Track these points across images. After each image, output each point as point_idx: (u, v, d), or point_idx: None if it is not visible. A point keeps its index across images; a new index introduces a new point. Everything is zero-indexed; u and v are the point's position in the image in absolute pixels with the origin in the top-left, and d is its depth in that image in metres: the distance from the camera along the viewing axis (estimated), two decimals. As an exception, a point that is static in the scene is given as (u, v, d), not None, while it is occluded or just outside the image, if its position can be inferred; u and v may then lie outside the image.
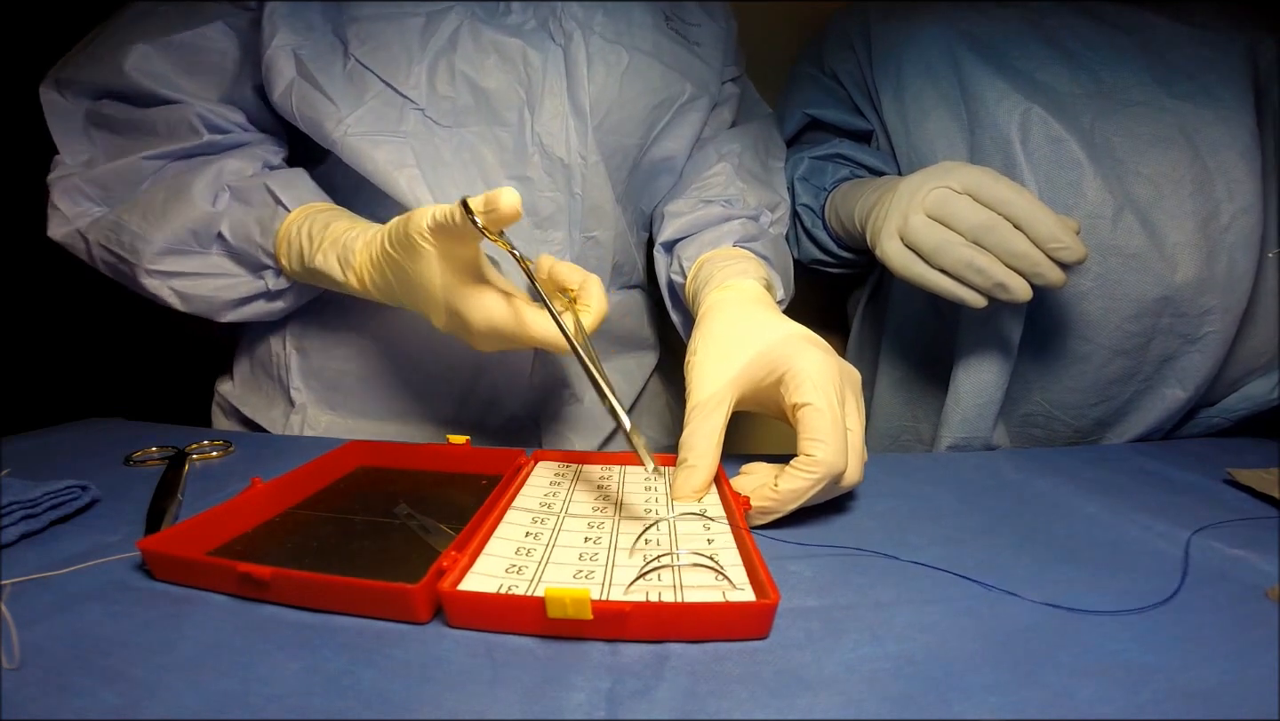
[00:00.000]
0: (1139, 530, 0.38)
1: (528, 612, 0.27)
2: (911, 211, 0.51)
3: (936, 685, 0.24)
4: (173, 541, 0.31)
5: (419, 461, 0.46)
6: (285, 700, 0.23)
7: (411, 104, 0.51)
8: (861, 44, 0.69)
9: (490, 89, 0.52)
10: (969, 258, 0.49)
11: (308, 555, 0.33)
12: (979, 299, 0.50)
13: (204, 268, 0.51)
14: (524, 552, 0.32)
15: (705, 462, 0.38)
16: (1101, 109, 0.57)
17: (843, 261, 0.70)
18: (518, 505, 0.38)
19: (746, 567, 0.31)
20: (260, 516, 0.36)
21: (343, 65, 0.51)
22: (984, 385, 0.59)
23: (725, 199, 0.59)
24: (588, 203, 0.56)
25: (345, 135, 0.50)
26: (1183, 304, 0.55)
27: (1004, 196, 0.49)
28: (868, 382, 0.74)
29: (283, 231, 0.49)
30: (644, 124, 0.58)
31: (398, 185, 0.50)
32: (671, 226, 0.58)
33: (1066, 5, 0.61)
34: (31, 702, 0.22)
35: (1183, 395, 0.57)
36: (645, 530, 0.34)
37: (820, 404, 0.37)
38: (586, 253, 0.57)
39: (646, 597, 0.28)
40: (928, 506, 0.42)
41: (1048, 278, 0.49)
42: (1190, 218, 0.55)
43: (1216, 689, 0.24)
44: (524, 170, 0.54)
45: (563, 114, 0.54)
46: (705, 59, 0.62)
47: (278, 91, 0.50)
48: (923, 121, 0.63)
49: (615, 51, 0.55)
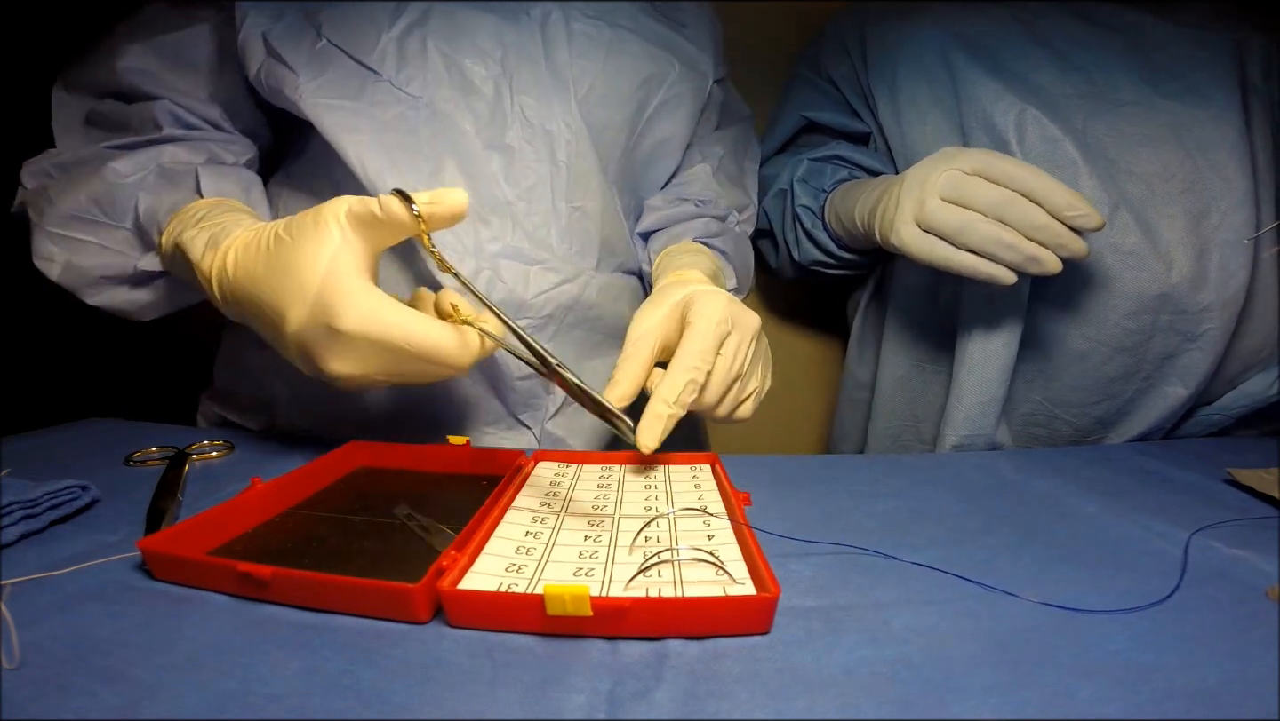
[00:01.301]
0: (1139, 530, 0.38)
1: (527, 610, 0.27)
2: (926, 197, 0.52)
3: (936, 685, 0.24)
4: (173, 541, 0.31)
5: (419, 462, 0.46)
6: (285, 700, 0.23)
7: (375, 75, 0.51)
8: (857, 47, 0.70)
9: (464, 61, 0.53)
10: (997, 234, 0.49)
11: (308, 555, 0.33)
12: (1010, 274, 0.51)
13: (102, 239, 0.49)
14: (524, 551, 0.32)
15: (628, 378, 0.44)
16: (1093, 109, 0.57)
17: (843, 262, 0.70)
18: (518, 505, 0.38)
19: (747, 563, 0.31)
20: (260, 516, 0.36)
21: (311, 44, 0.51)
22: (986, 382, 0.59)
23: (700, 198, 0.63)
24: (574, 171, 0.56)
25: (301, 99, 0.49)
26: (1180, 300, 0.55)
27: (1013, 173, 0.49)
28: (869, 384, 0.74)
29: (181, 212, 0.47)
30: (633, 100, 0.58)
31: (345, 151, 0.50)
32: (649, 219, 0.63)
33: (1058, 6, 0.61)
34: (31, 702, 0.22)
35: (1184, 392, 0.58)
36: (645, 526, 0.34)
37: (699, 324, 0.43)
38: (573, 224, 0.57)
39: (646, 594, 0.28)
40: (928, 506, 0.42)
41: (1071, 248, 0.49)
42: (1182, 216, 0.55)
43: (1216, 689, 0.24)
44: (503, 138, 0.54)
45: (542, 82, 0.54)
46: (692, 39, 0.63)
47: (251, 73, 0.51)
48: (918, 123, 0.63)
49: (597, 26, 0.56)
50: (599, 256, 0.59)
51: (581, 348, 0.59)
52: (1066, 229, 0.49)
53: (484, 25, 0.53)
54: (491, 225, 0.53)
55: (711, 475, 0.44)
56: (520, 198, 0.55)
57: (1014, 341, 0.58)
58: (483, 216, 0.53)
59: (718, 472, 0.43)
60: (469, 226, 0.52)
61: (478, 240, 0.52)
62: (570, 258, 0.56)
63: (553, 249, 0.56)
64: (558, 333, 0.56)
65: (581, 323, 0.57)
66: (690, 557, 0.31)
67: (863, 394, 0.75)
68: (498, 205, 0.54)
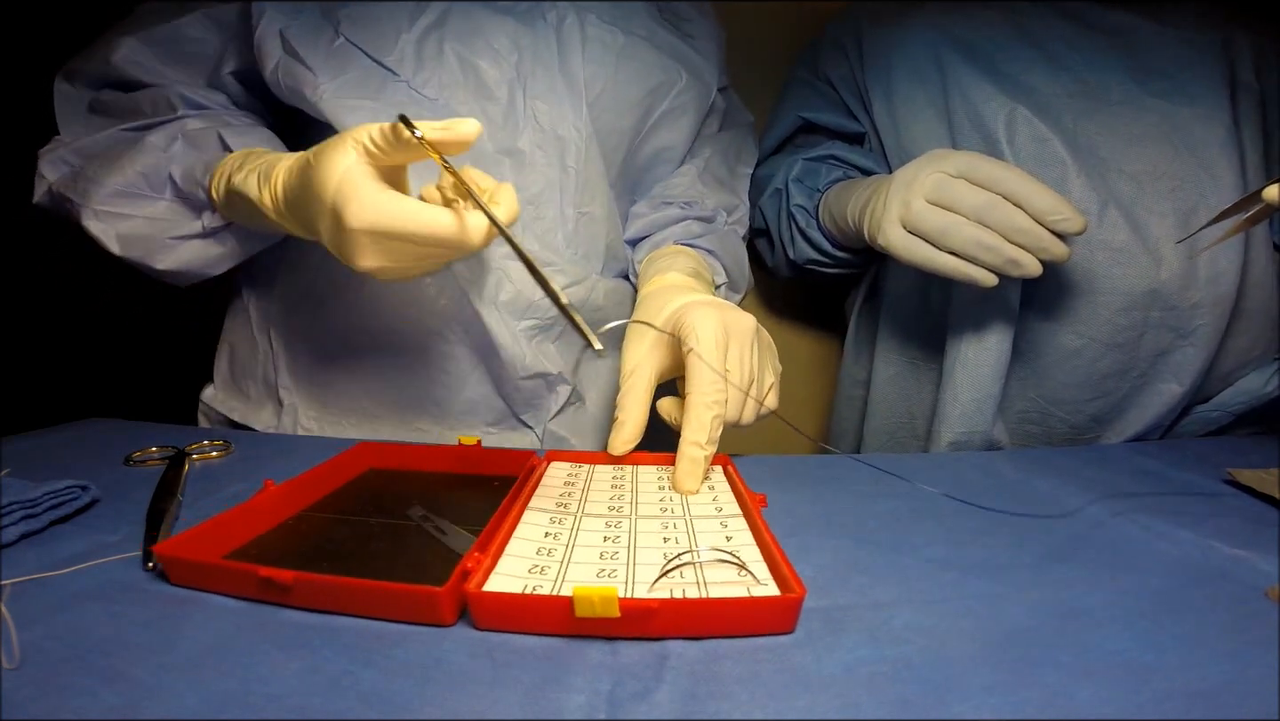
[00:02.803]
0: (1139, 530, 0.38)
1: (555, 612, 0.27)
2: (912, 198, 0.52)
3: (936, 685, 0.24)
4: (189, 545, 0.31)
5: (430, 463, 0.46)
6: (285, 700, 0.23)
7: (394, 76, 0.52)
8: (854, 49, 0.70)
9: (480, 64, 0.53)
10: (977, 236, 0.50)
11: (324, 558, 0.32)
12: (990, 276, 0.51)
13: (150, 212, 0.51)
14: (545, 552, 0.32)
15: (632, 418, 0.45)
16: (1084, 109, 0.58)
17: (838, 261, 0.70)
18: (534, 505, 0.38)
19: (768, 563, 0.31)
20: (275, 519, 0.36)
21: (330, 43, 0.51)
22: (981, 379, 0.59)
23: (685, 201, 0.63)
24: (582, 177, 0.56)
25: (321, 99, 0.49)
26: (1171, 297, 0.55)
27: (997, 176, 0.50)
28: (865, 381, 0.74)
29: (220, 165, 0.49)
30: (639, 108, 0.58)
31: None
32: (634, 226, 0.63)
33: (1049, 8, 0.62)
34: (31, 702, 0.22)
35: (1178, 389, 0.58)
36: (665, 528, 0.35)
37: (700, 348, 0.43)
38: (581, 229, 0.57)
39: (671, 595, 0.28)
40: (928, 506, 0.42)
41: (1052, 252, 0.50)
42: (1172, 213, 0.56)
43: (1216, 689, 0.24)
44: (515, 143, 0.54)
45: (556, 88, 0.54)
46: (699, 49, 0.63)
47: (268, 71, 0.51)
48: (912, 123, 0.64)
49: (611, 32, 0.56)
50: (604, 261, 0.59)
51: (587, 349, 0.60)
52: (1048, 232, 0.49)
53: (501, 28, 0.54)
54: None
55: (724, 476, 0.44)
56: (529, 202, 0.55)
57: (1007, 338, 0.58)
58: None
59: (730, 473, 0.43)
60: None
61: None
62: (576, 262, 0.57)
63: (559, 253, 0.56)
64: (565, 332, 0.57)
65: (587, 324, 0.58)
66: (714, 559, 0.31)
67: (859, 391, 0.76)
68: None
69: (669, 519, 0.37)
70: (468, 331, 0.55)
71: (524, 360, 0.54)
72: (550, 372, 0.56)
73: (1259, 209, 0.39)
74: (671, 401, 0.47)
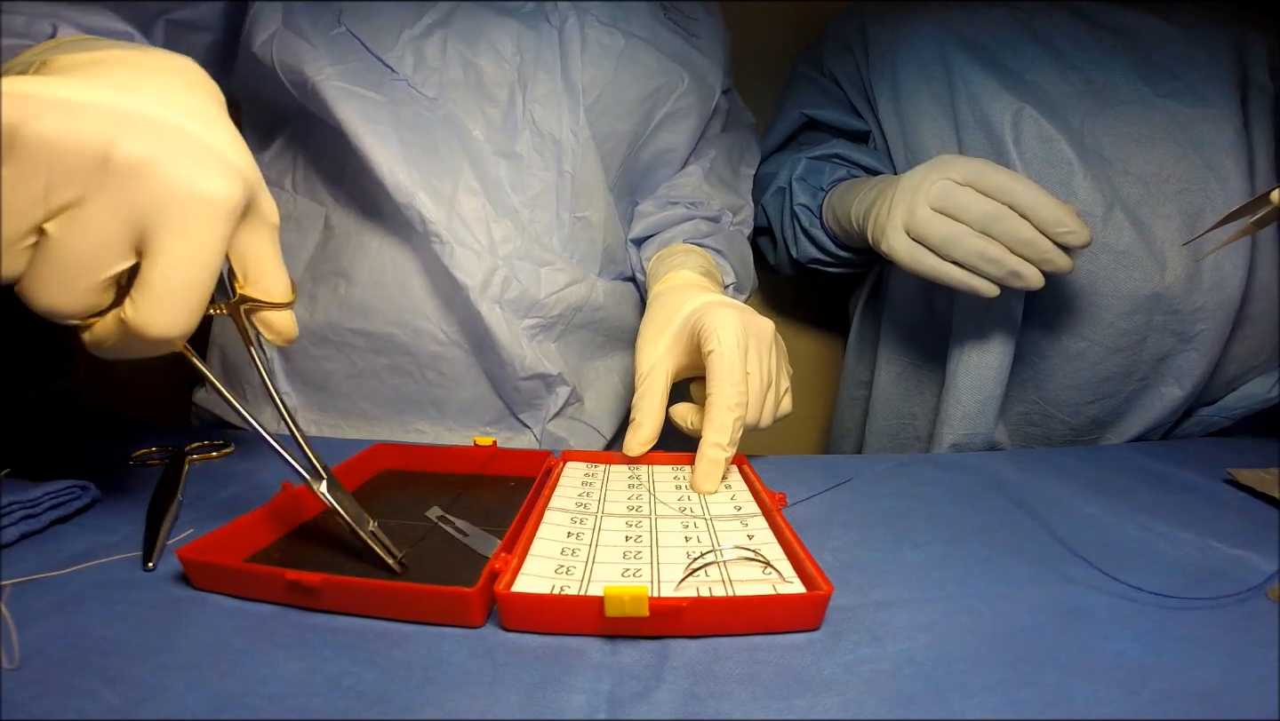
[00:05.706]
0: (1139, 530, 0.38)
1: (585, 612, 0.27)
2: (917, 205, 0.52)
3: (936, 685, 0.24)
4: (212, 549, 0.30)
5: (445, 464, 0.45)
6: (286, 700, 0.23)
7: (393, 73, 0.51)
8: (859, 46, 0.70)
9: (482, 65, 0.53)
10: (981, 248, 0.50)
11: (346, 561, 0.32)
12: (992, 287, 0.51)
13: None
14: (569, 553, 0.32)
15: (650, 419, 0.45)
16: (1090, 108, 0.57)
17: (841, 260, 0.70)
18: (554, 505, 0.38)
19: (792, 560, 0.31)
20: (294, 521, 0.36)
21: (329, 28, 0.51)
22: (983, 381, 0.59)
23: (691, 201, 0.63)
24: (578, 181, 0.56)
25: (324, 80, 0.49)
26: (1174, 301, 0.55)
27: (1004, 184, 0.49)
28: (868, 381, 0.74)
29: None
30: (639, 110, 0.58)
31: (363, 140, 0.49)
32: (639, 225, 0.62)
33: (1056, 6, 0.61)
34: (31, 702, 0.22)
35: (1180, 393, 0.58)
36: (686, 527, 0.35)
37: (723, 350, 0.43)
38: (577, 234, 0.57)
39: (697, 593, 0.28)
40: (928, 506, 0.42)
41: (1056, 263, 0.49)
42: (1178, 216, 0.55)
43: (1216, 689, 0.24)
44: (513, 146, 0.54)
45: (556, 92, 0.54)
46: (704, 51, 0.63)
47: (258, 41, 0.50)
48: (917, 122, 0.64)
49: (610, 34, 0.56)
50: (601, 264, 0.59)
51: (586, 348, 0.60)
52: (1052, 244, 0.49)
53: (505, 29, 0.53)
54: (504, 226, 0.54)
55: (740, 475, 0.44)
56: (526, 205, 0.55)
57: (1010, 341, 0.58)
58: (495, 218, 0.53)
59: (747, 472, 0.43)
60: (483, 226, 0.53)
61: (491, 240, 0.53)
62: (574, 265, 0.57)
63: (557, 255, 0.56)
64: (565, 332, 0.57)
65: (588, 324, 0.58)
66: (739, 557, 0.31)
67: (862, 391, 0.76)
68: (506, 211, 0.54)
69: (689, 518, 0.37)
70: (464, 330, 0.55)
71: (524, 360, 0.54)
72: (550, 373, 0.55)
73: (1266, 212, 0.38)
74: (688, 407, 0.47)
